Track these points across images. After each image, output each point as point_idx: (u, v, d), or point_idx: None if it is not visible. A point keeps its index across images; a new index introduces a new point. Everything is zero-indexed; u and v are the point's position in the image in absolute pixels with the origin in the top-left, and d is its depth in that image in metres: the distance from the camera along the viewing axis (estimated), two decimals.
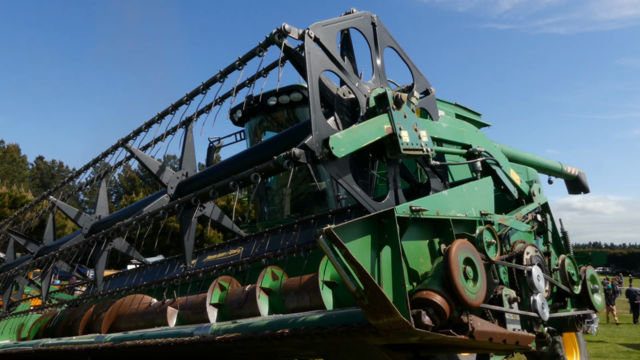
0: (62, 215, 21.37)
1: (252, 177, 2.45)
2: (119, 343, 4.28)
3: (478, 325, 2.34)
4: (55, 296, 9.13)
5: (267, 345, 3.04)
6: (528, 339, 2.66)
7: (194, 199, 2.88)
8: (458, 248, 2.33)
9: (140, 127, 3.72)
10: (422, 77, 3.28)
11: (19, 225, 7.34)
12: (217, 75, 3.01)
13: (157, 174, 3.83)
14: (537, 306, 2.85)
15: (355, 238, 2.14)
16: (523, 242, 3.20)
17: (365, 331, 2.37)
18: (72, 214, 5.14)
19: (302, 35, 2.50)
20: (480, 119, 9.17)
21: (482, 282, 2.39)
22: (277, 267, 4.20)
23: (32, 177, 70.94)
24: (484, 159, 3.26)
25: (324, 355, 3.09)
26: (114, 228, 3.66)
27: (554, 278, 3.47)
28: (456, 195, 2.76)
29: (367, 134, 2.43)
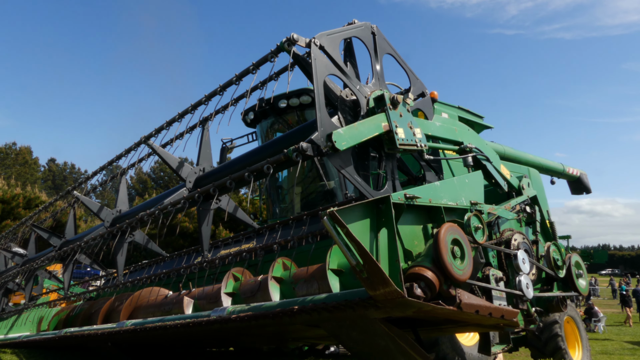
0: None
1: (265, 169, 2.78)
2: (140, 326, 4.61)
3: (465, 298, 2.66)
4: (72, 291, 9.50)
5: (278, 322, 3.35)
6: (512, 313, 2.96)
7: (213, 189, 3.21)
8: (447, 230, 2.65)
9: (162, 126, 4.06)
10: (419, 81, 3.59)
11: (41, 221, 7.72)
12: (233, 79, 3.35)
13: (176, 169, 4.16)
14: (522, 285, 3.16)
15: (355, 220, 2.46)
16: (511, 230, 3.51)
17: (365, 304, 2.69)
18: (94, 209, 5.50)
19: (309, 44, 2.84)
20: (483, 122, 9.45)
21: (469, 261, 2.70)
22: (287, 258, 4.51)
23: (44, 179, 71.79)
24: (475, 155, 3.57)
25: (330, 331, 3.39)
26: (137, 218, 4.01)
27: (542, 264, 3.77)
28: (447, 186, 3.08)
29: (366, 130, 2.76)
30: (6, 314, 8.87)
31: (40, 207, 7.65)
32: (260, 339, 4.92)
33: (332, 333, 3.37)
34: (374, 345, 3.22)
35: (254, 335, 4.47)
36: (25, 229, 7.85)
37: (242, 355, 7.29)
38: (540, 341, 9.95)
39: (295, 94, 7.73)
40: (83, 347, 6.76)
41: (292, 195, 8.80)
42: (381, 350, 3.23)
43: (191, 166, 4.28)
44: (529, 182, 4.16)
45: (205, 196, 3.45)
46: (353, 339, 3.30)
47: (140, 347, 6.11)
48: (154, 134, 4.12)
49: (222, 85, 3.48)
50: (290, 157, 2.65)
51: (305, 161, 2.80)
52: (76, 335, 5.80)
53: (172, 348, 6.78)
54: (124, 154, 4.55)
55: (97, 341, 5.70)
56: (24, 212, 25.28)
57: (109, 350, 6.17)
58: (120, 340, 5.43)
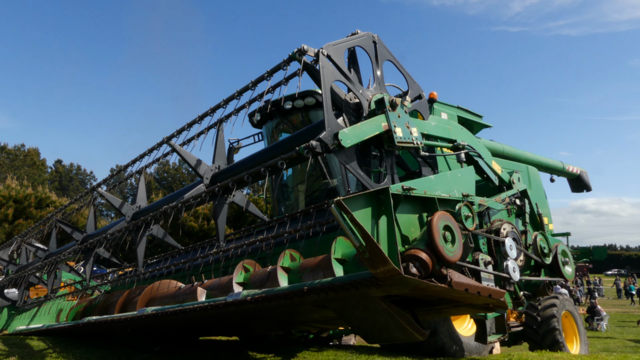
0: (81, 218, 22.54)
1: (279, 164, 3.16)
2: (161, 311, 4.99)
3: (455, 277, 3.02)
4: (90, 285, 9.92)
5: (289, 302, 3.72)
6: (499, 293, 3.32)
7: (231, 184, 3.59)
8: (439, 217, 3.02)
9: (183, 127, 4.45)
10: (416, 84, 3.96)
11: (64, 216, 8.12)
12: (249, 84, 3.73)
13: (194, 166, 4.55)
14: (509, 269, 3.53)
15: (359, 208, 2.83)
16: (501, 220, 3.87)
17: (368, 283, 3.06)
18: (116, 204, 5.90)
19: (317, 54, 3.22)
20: (482, 121, 9.80)
21: (459, 245, 3.07)
22: (295, 250, 4.88)
23: (51, 179, 72.51)
24: (467, 152, 3.94)
25: (335, 310, 3.76)
26: (160, 211, 4.39)
27: (530, 252, 4.13)
28: (441, 179, 3.45)
29: (368, 130, 3.14)
30: (28, 305, 9.31)
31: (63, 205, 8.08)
32: (269, 324, 5.28)
33: (337, 312, 3.73)
34: (375, 322, 3.59)
35: (264, 318, 4.83)
36: (48, 224, 8.27)
37: (249, 344, 7.67)
38: (539, 335, 10.29)
39: (300, 96, 8.10)
40: (102, 334, 7.14)
41: (297, 193, 9.18)
42: (381, 326, 3.60)
43: (207, 164, 4.66)
44: (519, 177, 4.52)
45: (224, 190, 3.83)
46: (356, 316, 3.67)
47: (157, 333, 6.49)
48: (176, 135, 4.51)
49: (239, 90, 3.86)
50: (301, 154, 3.02)
51: (314, 158, 3.17)
52: (100, 322, 6.20)
53: (185, 335, 7.16)
54: (147, 153, 4.94)
55: (119, 327, 6.08)
56: (36, 211, 25.84)
57: (128, 336, 6.56)
58: (140, 325, 5.80)
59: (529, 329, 10.47)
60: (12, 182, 26.77)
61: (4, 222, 24.90)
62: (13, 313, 9.52)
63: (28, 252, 9.49)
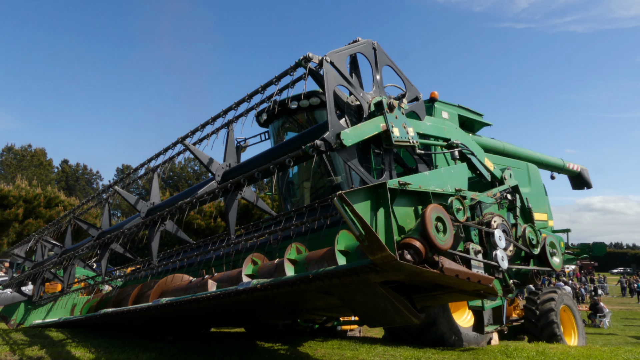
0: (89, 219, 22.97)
1: (286, 162, 3.48)
2: (175, 301, 5.31)
3: (447, 264, 3.33)
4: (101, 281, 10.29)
5: (296, 289, 4.03)
6: (488, 279, 3.62)
7: (243, 180, 3.91)
8: (432, 209, 3.33)
9: (197, 128, 4.77)
10: (413, 87, 4.26)
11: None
12: (259, 89, 4.06)
13: (207, 164, 4.87)
14: (498, 258, 3.83)
15: (359, 201, 3.14)
16: (492, 214, 4.17)
17: (367, 269, 3.37)
18: (131, 201, 6.23)
19: (321, 61, 3.53)
20: (482, 119, 10.09)
21: (450, 235, 3.38)
22: (300, 243, 5.20)
23: (58, 179, 73.12)
24: (460, 149, 4.24)
25: (338, 296, 4.07)
26: (176, 206, 4.72)
27: (520, 243, 4.43)
28: (435, 175, 3.76)
29: (367, 130, 3.45)
30: (44, 300, 9.67)
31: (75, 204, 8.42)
32: (277, 312, 5.59)
33: (340, 297, 4.04)
34: (375, 307, 3.90)
35: (272, 306, 5.14)
36: (65, 221, 8.61)
37: (257, 334, 8.01)
38: (537, 328, 10.60)
39: (305, 96, 8.42)
40: (117, 326, 7.48)
41: (303, 190, 9.50)
42: (380, 311, 3.91)
43: (219, 163, 4.99)
44: (510, 173, 4.81)
45: (236, 186, 4.15)
46: (357, 301, 3.98)
47: (170, 323, 6.84)
48: (190, 135, 4.83)
49: (249, 94, 4.18)
50: (307, 152, 3.34)
51: (319, 156, 3.48)
52: (116, 313, 6.54)
53: (197, 326, 7.50)
54: (162, 152, 5.27)
55: (134, 318, 6.42)
56: (45, 211, 26.31)
57: (142, 326, 6.90)
58: (155, 315, 6.14)
59: (528, 322, 10.77)
60: (21, 182, 27.23)
61: (15, 222, 25.39)
62: (29, 308, 9.89)
63: (43, 248, 9.86)
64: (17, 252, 10.11)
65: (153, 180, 6.18)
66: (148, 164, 5.56)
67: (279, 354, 6.30)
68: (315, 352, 6.54)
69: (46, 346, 6.16)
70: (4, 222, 24.71)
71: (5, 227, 25.11)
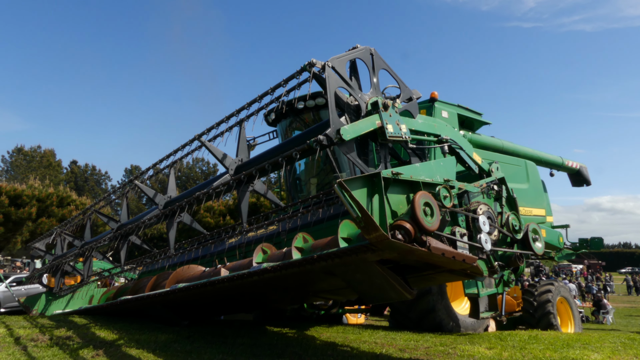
0: None
1: (293, 155, 3.96)
2: (192, 285, 5.81)
3: (434, 243, 3.80)
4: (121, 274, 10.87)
5: (302, 270, 4.51)
6: (471, 258, 4.08)
7: (255, 171, 4.40)
8: (420, 195, 3.80)
9: (212, 126, 5.27)
10: (407, 88, 4.74)
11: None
12: (269, 90, 4.55)
13: (221, 159, 5.36)
14: (482, 240, 4.30)
15: (356, 188, 3.61)
16: (478, 202, 4.64)
17: (364, 249, 3.85)
18: (150, 194, 6.74)
19: (324, 66, 4.02)
20: (481, 118, 10.53)
21: (437, 218, 3.84)
22: (306, 233, 5.67)
23: (67, 180, 74.04)
24: (450, 144, 4.71)
25: (340, 275, 4.54)
26: (194, 197, 5.22)
27: (504, 230, 4.89)
28: (426, 167, 4.23)
29: (364, 126, 3.93)
30: (64, 291, 10.23)
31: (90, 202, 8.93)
32: (285, 295, 6.07)
33: (342, 276, 4.52)
34: (373, 284, 4.37)
35: (281, 288, 5.61)
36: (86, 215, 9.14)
37: (266, 320, 8.51)
38: (535, 318, 11.04)
39: (311, 97, 8.91)
40: (135, 312, 7.99)
41: (309, 186, 10.00)
42: (378, 287, 4.38)
43: (232, 158, 5.48)
44: (497, 166, 5.27)
45: (248, 178, 4.65)
46: (357, 279, 4.46)
47: (185, 308, 7.34)
48: (206, 132, 5.33)
49: (260, 95, 4.68)
50: (311, 146, 3.82)
51: (322, 150, 3.96)
52: (136, 299, 7.06)
53: (210, 312, 7.99)
54: (180, 148, 5.77)
55: (152, 303, 6.92)
56: (57, 210, 26.98)
57: (160, 312, 7.41)
58: (171, 300, 6.63)
59: (526, 313, 11.22)
60: (34, 182, 27.93)
61: (28, 221, 26.07)
62: (50, 299, 10.46)
63: (63, 242, 10.40)
64: (38, 245, 10.67)
65: (170, 175, 6.69)
66: (166, 159, 6.06)
67: (286, 336, 6.79)
68: (321, 335, 7.03)
69: (72, 328, 6.69)
70: (17, 221, 25.38)
71: (19, 226, 25.80)
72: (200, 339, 6.13)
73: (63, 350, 5.23)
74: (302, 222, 6.77)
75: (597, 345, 6.91)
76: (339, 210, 6.23)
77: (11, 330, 6.35)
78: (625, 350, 6.56)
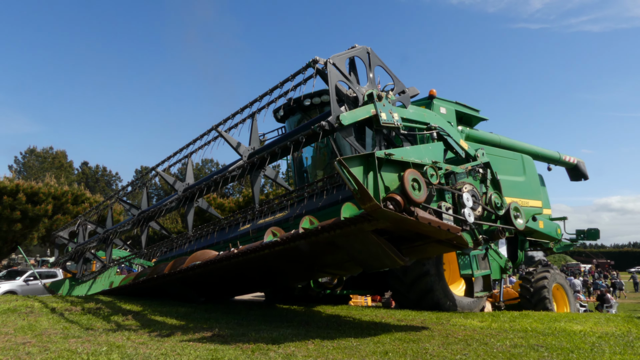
0: None
1: (299, 138, 4.60)
2: (209, 260, 6.45)
3: (421, 213, 4.42)
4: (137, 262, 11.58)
5: (308, 241, 5.13)
6: (455, 229, 4.69)
7: (266, 154, 5.04)
8: (409, 172, 4.43)
9: (228, 117, 5.92)
10: (400, 82, 5.36)
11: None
12: (278, 84, 5.19)
13: (235, 147, 6.01)
14: (465, 214, 4.91)
15: (354, 166, 4.23)
16: (463, 182, 5.25)
17: (361, 219, 4.48)
18: (170, 181, 7.40)
19: (326, 63, 4.65)
20: (479, 114, 11.12)
21: (424, 192, 4.46)
22: (313, 216, 6.29)
23: (78, 181, 75.15)
24: (438, 131, 5.33)
25: (341, 244, 5.15)
26: (212, 180, 5.87)
27: (489, 207, 5.49)
28: (415, 150, 4.85)
29: (360, 114, 4.57)
30: (86, 277, 10.95)
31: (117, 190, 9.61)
32: (294, 270, 6.69)
33: (343, 246, 5.14)
34: (370, 253, 4.99)
35: (290, 262, 6.23)
36: (109, 204, 9.83)
37: (275, 299, 9.16)
38: (531, 303, 11.60)
39: (317, 94, 9.54)
40: (155, 290, 8.64)
41: (315, 178, 10.64)
42: (374, 256, 5.00)
43: (245, 146, 6.12)
44: (483, 152, 5.87)
45: (261, 162, 5.29)
46: (356, 249, 5.09)
47: (202, 286, 7.99)
48: (222, 123, 5.98)
49: (270, 88, 5.32)
50: (315, 131, 4.46)
51: (324, 135, 4.59)
52: (157, 277, 7.73)
53: (224, 292, 8.62)
54: (198, 138, 6.43)
55: (172, 281, 7.57)
56: (72, 207, 27.82)
57: (178, 289, 8.07)
58: (189, 277, 7.27)
59: (523, 298, 11.77)
60: (50, 180, 28.80)
61: (44, 217, 26.91)
62: (73, 284, 11.18)
63: (85, 231, 11.11)
64: (62, 234, 11.38)
65: (188, 163, 7.35)
66: (186, 148, 6.72)
67: (294, 312, 7.42)
68: (326, 310, 7.65)
69: (100, 303, 7.37)
70: (34, 218, 26.21)
71: (35, 222, 26.63)
72: (216, 311, 6.79)
73: (96, 316, 5.90)
74: (309, 209, 7.39)
75: (582, 320, 7.48)
76: (344, 196, 6.86)
77: (45, 304, 7.03)
78: (607, 323, 7.12)
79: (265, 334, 4.78)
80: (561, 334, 5.78)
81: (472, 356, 4.12)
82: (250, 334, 4.77)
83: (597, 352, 4.59)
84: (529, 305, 11.52)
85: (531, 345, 4.79)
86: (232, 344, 4.24)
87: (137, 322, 5.52)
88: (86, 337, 4.41)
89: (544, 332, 5.91)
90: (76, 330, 4.88)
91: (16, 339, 4.21)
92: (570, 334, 5.74)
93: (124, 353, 3.68)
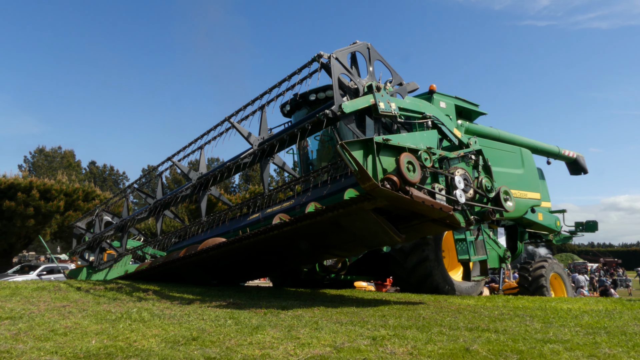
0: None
1: (306, 125, 5.09)
2: (222, 243, 6.94)
3: (415, 193, 4.90)
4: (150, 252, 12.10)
5: (313, 221, 5.61)
6: (448, 208, 5.17)
7: (275, 141, 5.54)
8: (404, 155, 4.91)
9: (240, 108, 6.42)
10: (398, 75, 5.84)
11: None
12: (286, 77, 5.69)
13: (246, 137, 6.51)
14: (457, 195, 5.38)
15: (355, 150, 4.72)
16: (456, 167, 5.72)
17: (361, 198, 4.96)
18: (185, 170, 7.91)
19: (329, 57, 5.14)
20: (478, 109, 11.55)
21: (418, 174, 4.94)
22: (318, 203, 6.78)
23: (86, 180, 76.00)
24: (432, 120, 5.81)
25: (344, 223, 5.62)
26: (226, 166, 6.37)
27: (480, 191, 5.96)
28: (411, 136, 5.33)
29: (360, 103, 5.06)
30: (102, 265, 11.49)
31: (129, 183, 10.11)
32: (301, 251, 7.18)
33: (346, 225, 5.62)
34: (370, 230, 5.47)
35: (298, 241, 6.71)
36: (126, 193, 10.35)
37: (283, 283, 9.65)
38: (529, 291, 12.05)
39: (322, 89, 10.02)
40: (170, 274, 9.14)
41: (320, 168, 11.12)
42: (374, 233, 5.48)
43: (256, 135, 6.62)
44: (475, 140, 6.34)
45: (270, 150, 5.79)
46: (358, 227, 5.57)
47: (214, 270, 8.49)
48: (235, 114, 6.49)
49: (279, 81, 5.82)
50: (320, 119, 4.95)
51: (328, 122, 5.08)
52: (172, 260, 8.24)
53: (234, 274, 9.11)
54: (211, 129, 6.94)
55: (187, 264, 8.07)
56: (83, 204, 28.47)
57: (192, 273, 8.58)
58: (203, 260, 7.77)
59: (522, 287, 12.20)
60: (62, 177, 29.48)
61: (56, 214, 27.58)
62: (90, 272, 11.71)
63: (101, 222, 11.65)
64: (79, 224, 11.93)
65: (201, 154, 7.86)
66: (200, 139, 7.23)
67: (301, 293, 7.91)
68: (330, 292, 8.14)
69: (119, 284, 7.89)
70: (47, 214, 26.87)
71: (48, 219, 27.29)
72: (228, 291, 7.29)
73: (119, 292, 6.42)
74: (314, 197, 7.87)
75: (573, 301, 7.92)
76: (346, 184, 7.34)
77: (70, 284, 7.57)
78: (596, 304, 7.56)
79: (276, 303, 5.28)
80: (549, 309, 6.24)
81: (461, 318, 4.60)
82: (262, 303, 5.28)
83: (577, 319, 5.04)
84: (528, 293, 11.94)
85: (517, 314, 5.26)
86: (246, 309, 4.75)
87: (157, 297, 6.03)
88: (116, 304, 4.92)
89: (533, 308, 6.37)
90: (105, 300, 5.39)
91: (55, 304, 4.73)
92: (557, 309, 6.19)
93: (153, 312, 4.19)
